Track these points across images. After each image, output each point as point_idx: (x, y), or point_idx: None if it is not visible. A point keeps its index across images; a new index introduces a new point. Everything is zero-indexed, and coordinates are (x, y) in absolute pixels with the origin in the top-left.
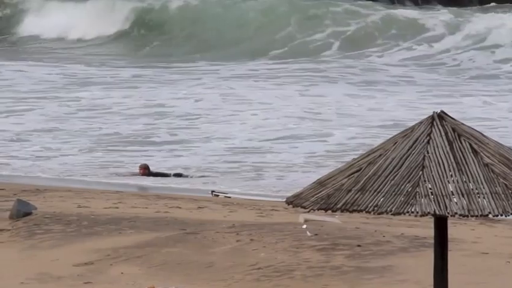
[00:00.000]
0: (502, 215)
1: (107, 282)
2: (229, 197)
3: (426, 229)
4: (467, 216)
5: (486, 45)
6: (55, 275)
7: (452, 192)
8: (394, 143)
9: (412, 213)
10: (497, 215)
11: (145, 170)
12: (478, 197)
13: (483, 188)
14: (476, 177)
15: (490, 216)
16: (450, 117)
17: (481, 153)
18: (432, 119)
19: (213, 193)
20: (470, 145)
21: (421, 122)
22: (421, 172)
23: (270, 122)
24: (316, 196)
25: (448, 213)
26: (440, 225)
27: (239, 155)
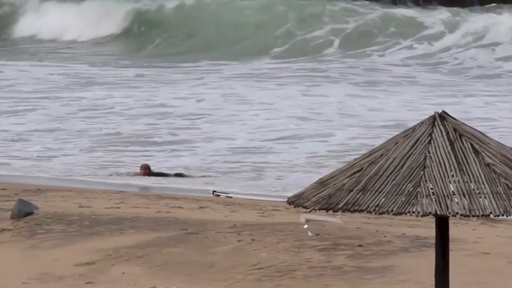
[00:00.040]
0: (503, 215)
1: (108, 282)
2: (231, 197)
3: (427, 229)
4: (468, 216)
5: (485, 44)
6: (56, 274)
7: (453, 192)
8: (396, 143)
9: (413, 213)
10: (498, 215)
11: (147, 170)
12: (479, 197)
13: (484, 188)
14: (477, 177)
15: (491, 216)
16: (451, 117)
17: (482, 153)
18: (433, 119)
19: (215, 193)
20: (472, 145)
21: (422, 122)
22: (422, 172)
23: (272, 122)
24: (317, 196)
25: (449, 213)
26: (442, 225)
27: (240, 155)
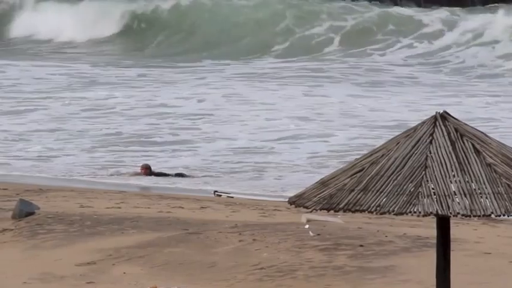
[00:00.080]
0: (504, 215)
1: (109, 282)
2: (232, 197)
3: (429, 229)
4: (469, 216)
5: (485, 42)
6: (58, 274)
7: (454, 192)
8: (397, 143)
9: (414, 213)
10: (499, 215)
11: (147, 170)
12: (481, 197)
13: (485, 188)
14: (478, 177)
15: (493, 216)
16: (453, 117)
17: (484, 153)
18: (435, 119)
19: (216, 193)
20: (473, 145)
21: (423, 122)
22: (423, 172)
23: (273, 122)
24: (318, 196)
25: (450, 213)
26: (443, 225)
27: (241, 155)
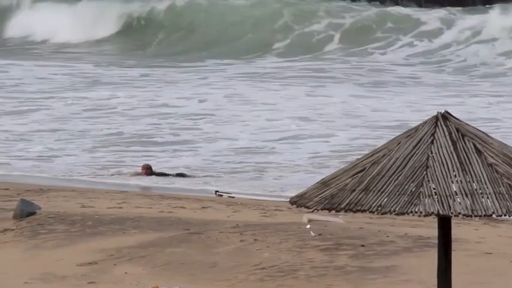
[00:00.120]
0: (505, 215)
1: (110, 282)
2: (233, 197)
3: (430, 229)
4: (471, 216)
5: (484, 39)
6: (59, 274)
7: (456, 192)
8: (398, 143)
9: (415, 213)
10: (501, 215)
11: (148, 170)
12: (482, 197)
13: (487, 188)
14: (480, 177)
15: (494, 216)
16: (454, 117)
17: (485, 153)
18: (436, 119)
19: (217, 193)
20: (474, 145)
21: (425, 122)
22: (424, 172)
23: (274, 122)
24: (319, 196)
25: (451, 213)
26: (444, 225)
27: (243, 155)
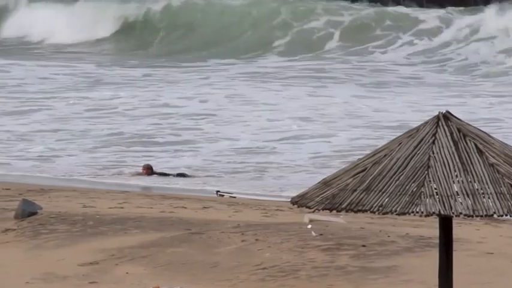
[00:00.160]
0: (507, 215)
1: (112, 282)
2: (234, 197)
3: (431, 229)
4: (472, 216)
5: (482, 37)
6: (60, 274)
7: (457, 192)
8: (399, 143)
9: (417, 213)
10: (502, 215)
11: (149, 170)
12: (483, 197)
13: (488, 188)
14: (481, 177)
15: (495, 216)
16: (455, 117)
17: (486, 153)
18: (437, 119)
19: (218, 193)
20: (476, 145)
21: (426, 122)
22: (426, 172)
23: (275, 122)
24: (321, 196)
25: (453, 213)
26: (445, 225)
27: (244, 155)
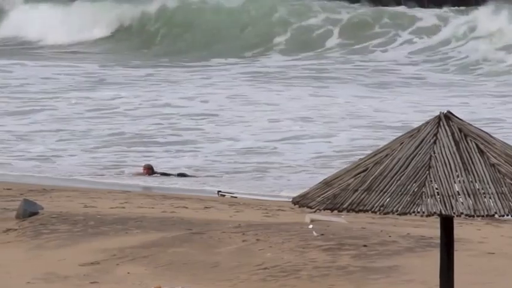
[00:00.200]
0: (508, 215)
1: (113, 282)
2: (236, 197)
3: (432, 229)
4: (473, 216)
5: (481, 35)
6: (61, 274)
7: (458, 192)
8: (401, 143)
9: (418, 213)
10: (503, 215)
11: (150, 170)
12: (484, 197)
13: (489, 188)
14: (482, 177)
15: (496, 216)
16: (457, 117)
17: (488, 154)
18: (439, 119)
19: (220, 193)
20: (477, 145)
21: (427, 122)
22: (427, 172)
23: (277, 123)
24: (322, 196)
25: (454, 213)
26: (447, 225)
27: (245, 155)
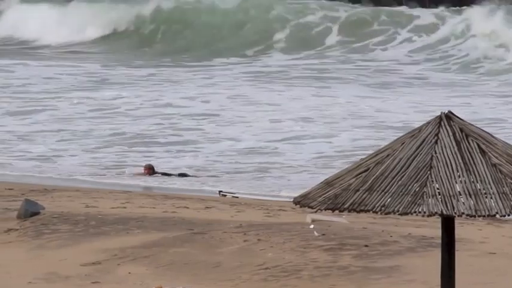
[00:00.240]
0: (509, 215)
1: (114, 282)
2: (237, 197)
3: (433, 229)
4: (474, 216)
5: (478, 33)
6: (63, 274)
7: (459, 192)
8: (402, 143)
9: (419, 213)
10: (504, 215)
11: (150, 170)
12: (486, 197)
13: (491, 188)
14: (483, 177)
15: (498, 216)
16: (458, 117)
17: (489, 154)
18: (440, 119)
19: (221, 193)
20: (478, 145)
21: (428, 123)
22: (428, 172)
23: (278, 123)
24: (323, 196)
25: (455, 213)
26: (448, 225)
27: (246, 155)
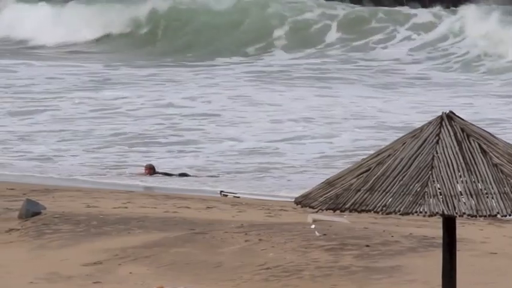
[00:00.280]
0: (510, 215)
1: (115, 282)
2: (238, 197)
3: (435, 229)
4: (475, 216)
5: (478, 31)
6: (64, 274)
7: (461, 192)
8: (403, 143)
9: (420, 213)
10: (505, 215)
11: (151, 170)
12: (487, 197)
13: (492, 188)
14: (485, 177)
15: (499, 216)
16: (459, 117)
17: (490, 154)
18: (441, 119)
19: (222, 193)
20: (479, 145)
21: (430, 123)
22: (430, 172)
23: (279, 123)
24: (324, 196)
25: (456, 213)
26: (449, 225)
27: (247, 155)
